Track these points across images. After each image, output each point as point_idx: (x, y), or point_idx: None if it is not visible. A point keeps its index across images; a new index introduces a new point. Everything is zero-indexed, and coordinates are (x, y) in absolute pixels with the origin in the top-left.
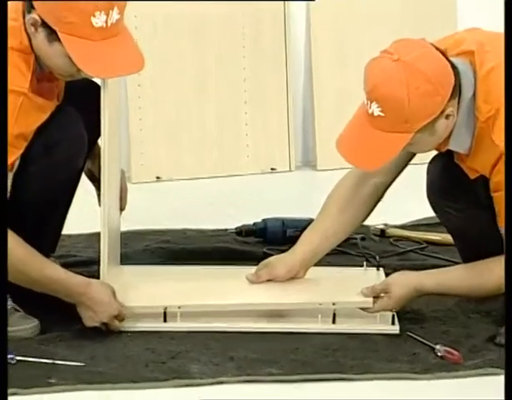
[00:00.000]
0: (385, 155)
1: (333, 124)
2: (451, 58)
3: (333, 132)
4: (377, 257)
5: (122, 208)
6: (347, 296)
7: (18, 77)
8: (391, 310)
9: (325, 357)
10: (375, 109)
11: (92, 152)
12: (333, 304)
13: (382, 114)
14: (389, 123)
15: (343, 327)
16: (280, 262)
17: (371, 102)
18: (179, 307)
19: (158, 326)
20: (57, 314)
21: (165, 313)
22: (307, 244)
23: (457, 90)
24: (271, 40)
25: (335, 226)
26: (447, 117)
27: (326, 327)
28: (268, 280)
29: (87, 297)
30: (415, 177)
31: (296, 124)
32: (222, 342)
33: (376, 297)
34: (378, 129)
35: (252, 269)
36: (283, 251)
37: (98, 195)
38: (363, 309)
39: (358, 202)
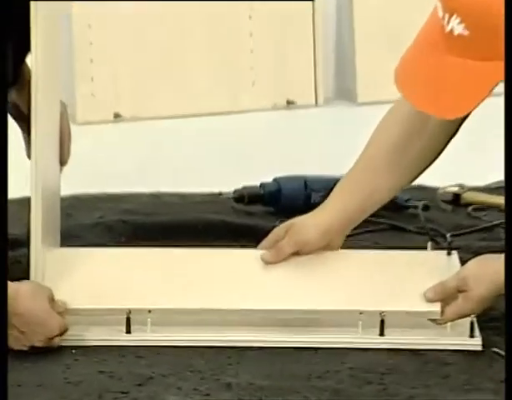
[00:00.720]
0: (475, 94)
1: (381, 40)
2: None
3: (380, 50)
4: (448, 236)
5: (63, 162)
6: (402, 300)
7: None
8: (469, 315)
9: (368, 384)
10: (456, 25)
11: (18, 77)
12: (382, 314)
13: (467, 33)
14: (479, 46)
15: (395, 340)
16: (309, 224)
17: (449, 16)
18: (150, 311)
19: (119, 338)
20: None
21: (129, 320)
22: (346, 199)
23: None
24: None
25: (387, 173)
26: None
27: (370, 340)
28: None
29: (12, 312)
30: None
31: (327, 38)
32: (214, 361)
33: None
34: (460, 56)
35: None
36: None
37: (28, 141)
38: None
39: (422, 139)
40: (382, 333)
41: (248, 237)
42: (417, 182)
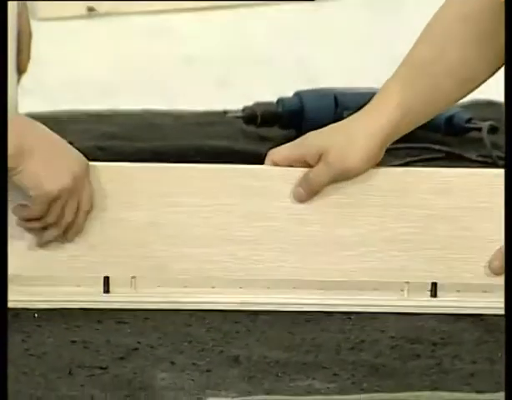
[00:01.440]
0: None
1: None
2: None
3: None
4: None
5: (21, 70)
6: (462, 264)
7: None
8: None
9: (416, 357)
10: None
11: None
12: (434, 283)
13: None
14: None
15: (450, 302)
16: (352, 144)
17: None
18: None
19: (95, 299)
20: None
21: (107, 276)
22: (404, 84)
23: None
24: None
25: (479, 47)
26: None
27: (419, 302)
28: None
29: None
30: None
31: None
32: (216, 328)
33: None
34: None
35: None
36: None
37: None
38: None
39: None
40: (434, 294)
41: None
42: (482, 95)
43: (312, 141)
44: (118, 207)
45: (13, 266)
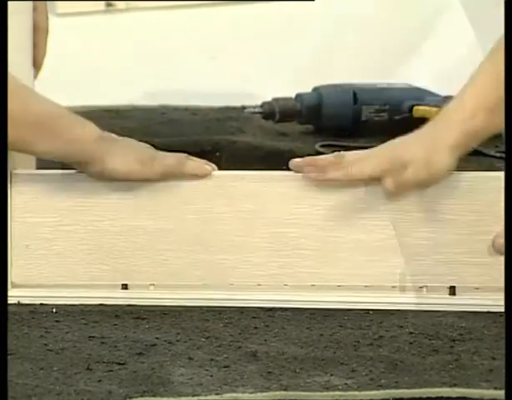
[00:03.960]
0: None
1: None
2: None
3: None
4: None
5: (37, 65)
6: (479, 267)
7: None
8: None
9: (435, 353)
10: None
11: None
12: (452, 289)
13: None
14: None
15: (470, 300)
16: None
17: None
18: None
19: (113, 295)
20: None
21: None
22: (480, 93)
23: None
24: None
25: None
26: None
27: (438, 300)
28: None
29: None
30: None
31: None
32: (235, 324)
33: None
34: None
35: None
36: (351, 148)
37: None
38: None
39: None
40: (453, 293)
41: (280, 164)
42: None
43: (393, 154)
44: (135, 216)
45: (31, 276)
